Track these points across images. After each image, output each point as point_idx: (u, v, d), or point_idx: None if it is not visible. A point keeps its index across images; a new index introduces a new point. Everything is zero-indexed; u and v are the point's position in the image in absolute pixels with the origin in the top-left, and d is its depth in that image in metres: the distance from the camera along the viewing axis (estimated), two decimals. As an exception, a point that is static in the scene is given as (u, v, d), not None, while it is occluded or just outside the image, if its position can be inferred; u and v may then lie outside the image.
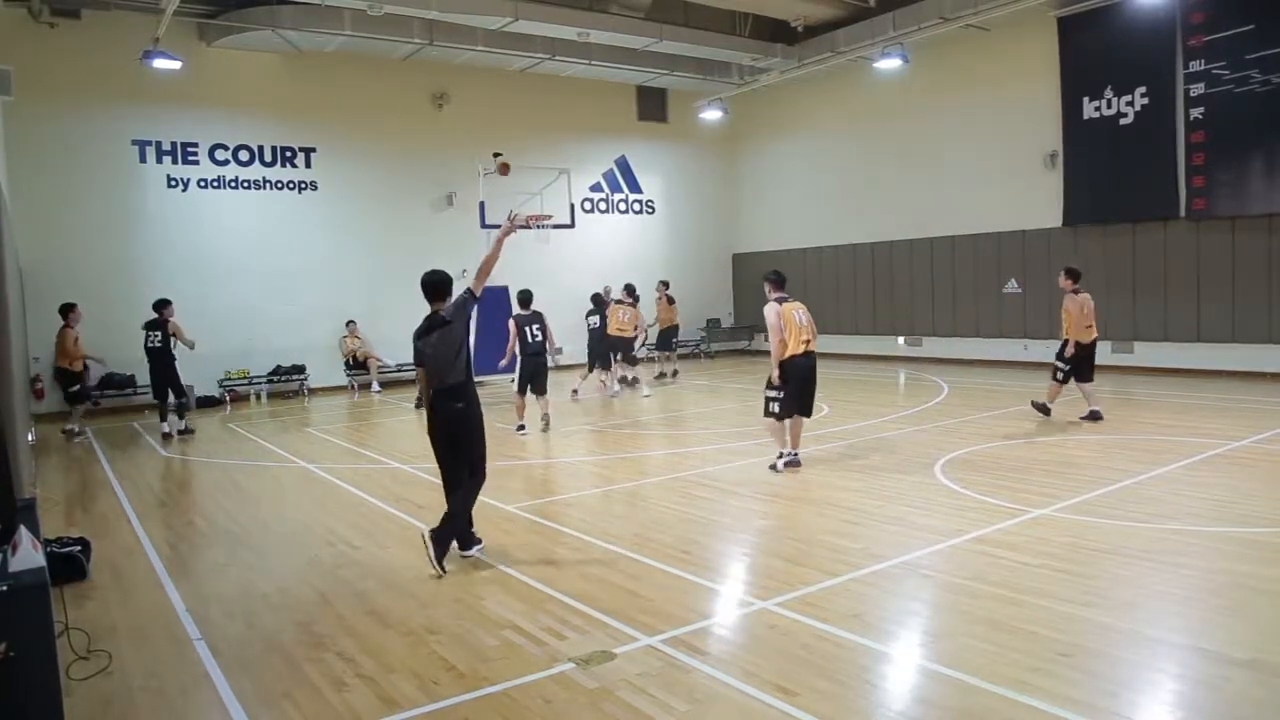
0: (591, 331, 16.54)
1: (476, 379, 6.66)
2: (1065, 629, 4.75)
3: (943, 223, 19.38)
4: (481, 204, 18.92)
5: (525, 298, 12.63)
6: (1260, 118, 14.61)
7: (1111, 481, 7.97)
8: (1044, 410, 11.38)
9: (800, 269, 22.68)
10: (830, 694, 4.13)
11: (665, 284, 19.77)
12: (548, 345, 12.59)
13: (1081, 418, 11.12)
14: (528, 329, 12.24)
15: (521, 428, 12.12)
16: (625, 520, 7.47)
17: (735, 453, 10.27)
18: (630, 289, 17.14)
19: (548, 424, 12.35)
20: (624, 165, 22.83)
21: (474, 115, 20.11)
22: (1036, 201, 17.60)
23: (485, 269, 6.58)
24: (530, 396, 12.47)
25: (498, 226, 19.58)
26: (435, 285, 6.50)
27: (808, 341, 8.94)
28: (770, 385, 8.95)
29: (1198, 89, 15.35)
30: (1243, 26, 14.72)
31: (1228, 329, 15.23)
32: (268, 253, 17.84)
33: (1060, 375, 11.23)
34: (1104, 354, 16.67)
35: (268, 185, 18.06)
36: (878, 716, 3.98)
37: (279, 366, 17.93)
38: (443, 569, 6.09)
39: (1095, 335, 11.29)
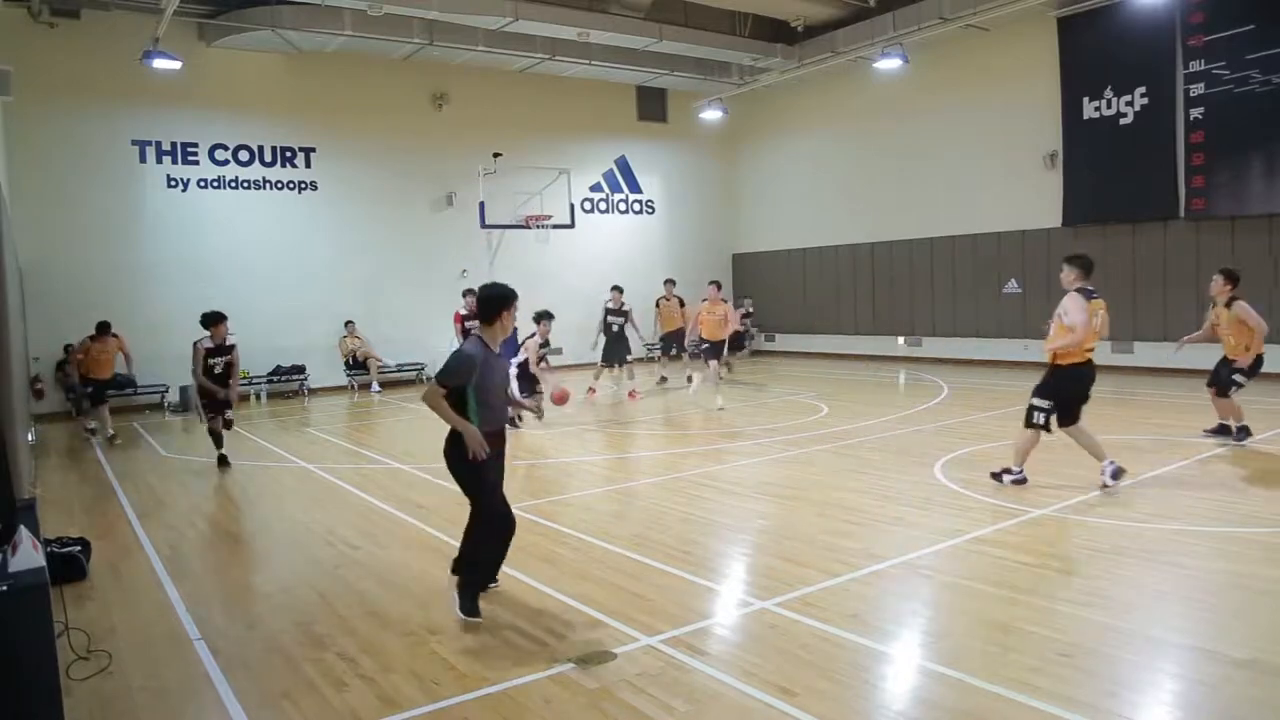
0: (613, 332, 16.34)
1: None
2: (1065, 629, 4.75)
3: (943, 223, 19.39)
4: (481, 204, 18.96)
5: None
6: (1260, 118, 14.60)
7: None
8: (1243, 432, 9.79)
9: (800, 269, 22.72)
10: (829, 694, 4.14)
11: (672, 282, 19.19)
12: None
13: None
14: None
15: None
16: (625, 520, 7.47)
17: (735, 453, 10.27)
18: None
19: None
20: (624, 165, 22.84)
21: (474, 115, 20.11)
22: (1036, 202, 17.60)
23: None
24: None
25: (498, 227, 19.76)
26: (493, 300, 5.24)
27: (1092, 349, 7.78)
28: (1042, 393, 7.87)
29: (1197, 89, 15.35)
30: (1242, 27, 14.72)
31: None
32: (267, 253, 17.84)
33: (1236, 387, 9.82)
34: (1104, 354, 16.68)
35: (268, 185, 18.07)
36: (877, 717, 3.98)
37: (279, 366, 17.94)
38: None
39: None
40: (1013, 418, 11.72)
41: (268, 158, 18.06)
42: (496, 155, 19.38)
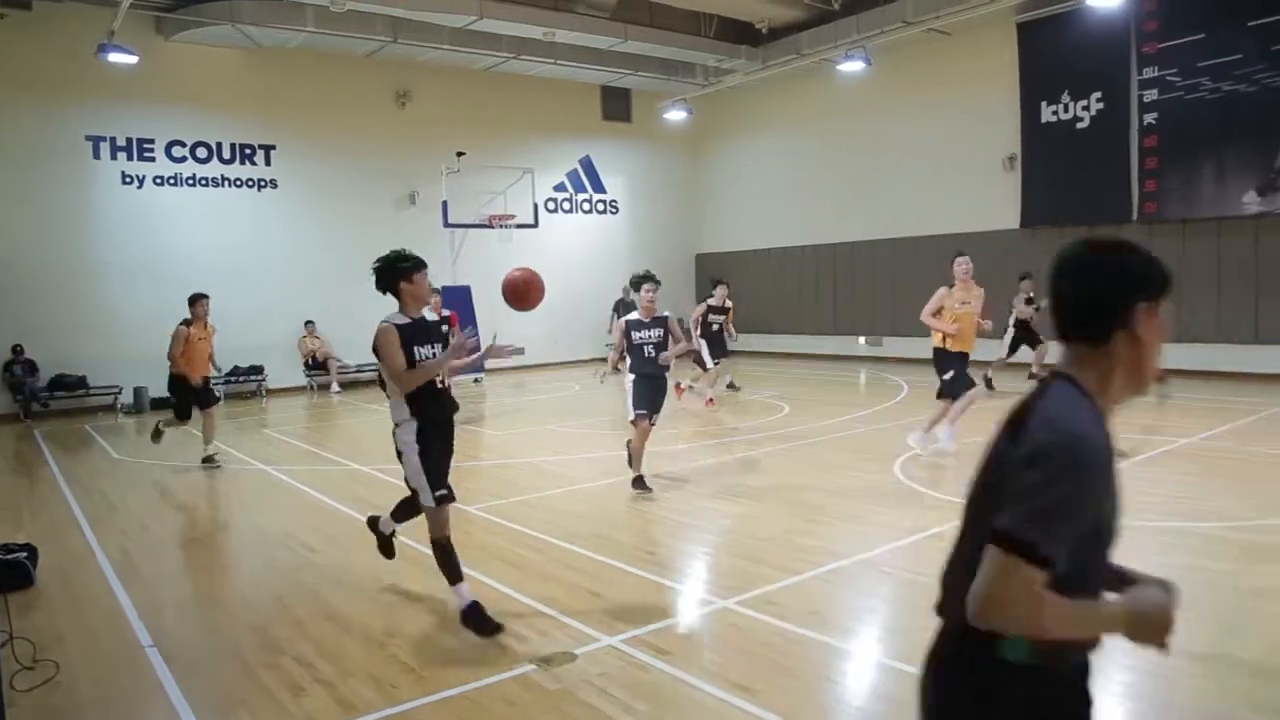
0: (712, 331, 14.32)
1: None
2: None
3: (904, 223, 19.55)
4: (444, 203, 18.84)
5: None
6: (1210, 124, 14.91)
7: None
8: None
9: (763, 269, 22.80)
10: (791, 691, 4.15)
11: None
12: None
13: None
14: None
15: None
16: (588, 521, 7.44)
17: (698, 452, 10.29)
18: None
19: None
20: (588, 165, 22.80)
21: (437, 113, 19.97)
22: (995, 203, 17.82)
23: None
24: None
25: (461, 226, 19.59)
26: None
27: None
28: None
29: (1151, 95, 15.64)
30: (1194, 35, 15.01)
31: (1179, 329, 15.50)
32: (225, 251, 17.55)
33: None
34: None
35: (226, 183, 17.80)
36: (838, 713, 4.01)
37: (236, 367, 17.65)
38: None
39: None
40: (970, 415, 11.85)
41: (226, 155, 17.80)
42: (460, 154, 19.26)
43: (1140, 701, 4.02)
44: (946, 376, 9.22)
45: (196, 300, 10.55)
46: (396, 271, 5.13)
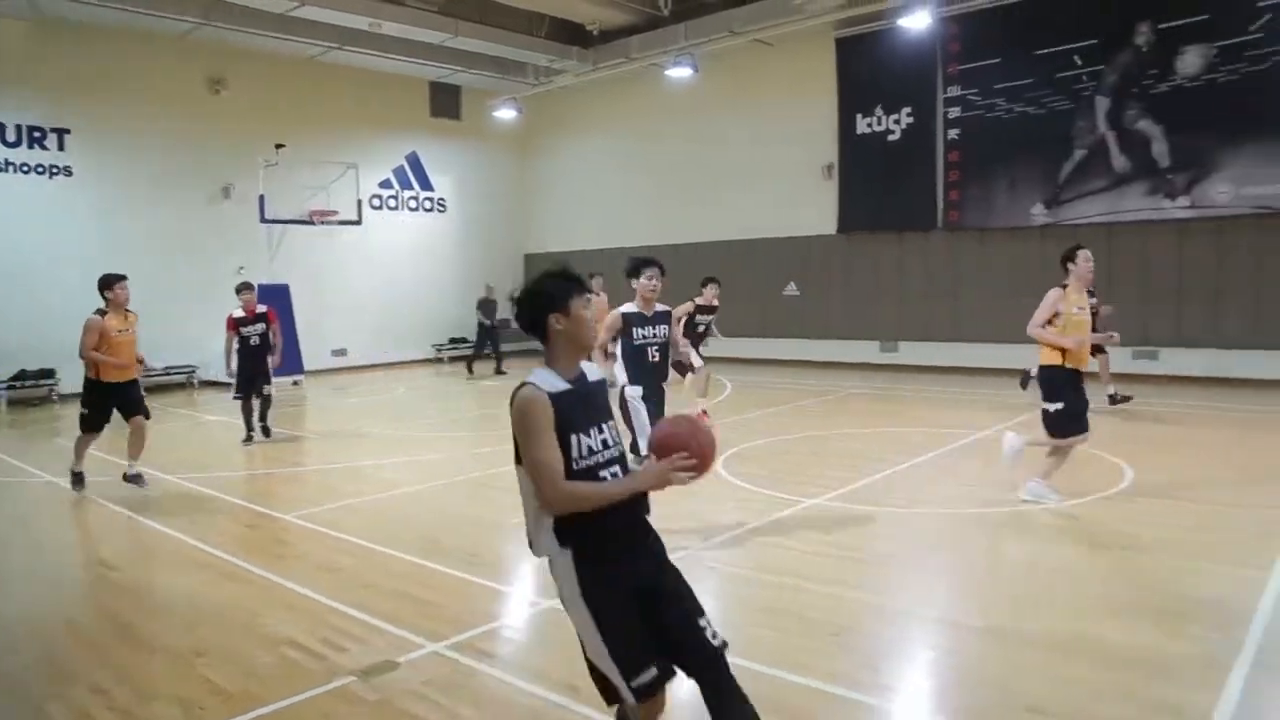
0: (698, 332, 13.46)
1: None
2: (836, 610, 5.05)
3: (729, 227, 20.13)
4: (261, 197, 17.99)
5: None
6: (1005, 141, 16.20)
7: (877, 471, 8.54)
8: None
9: (592, 269, 22.90)
10: (616, 689, 4.19)
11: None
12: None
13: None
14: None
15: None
16: (412, 525, 7.27)
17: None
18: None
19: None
20: (415, 162, 22.28)
21: (255, 103, 18.99)
22: (814, 209, 18.62)
23: None
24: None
25: (280, 222, 18.67)
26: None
27: None
28: None
29: (954, 112, 16.80)
30: (992, 59, 16.26)
31: (980, 329, 16.70)
32: (8, 244, 16.07)
33: None
34: (872, 353, 17.90)
35: (10, 168, 16.29)
36: (668, 709, 4.07)
37: (23, 371, 16.23)
38: None
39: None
40: (791, 414, 12.37)
41: (10, 137, 16.28)
42: (279, 146, 18.40)
43: (937, 677, 4.31)
44: (1055, 408, 7.19)
45: (111, 283, 8.68)
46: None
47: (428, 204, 22.66)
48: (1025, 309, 7.56)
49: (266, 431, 11.37)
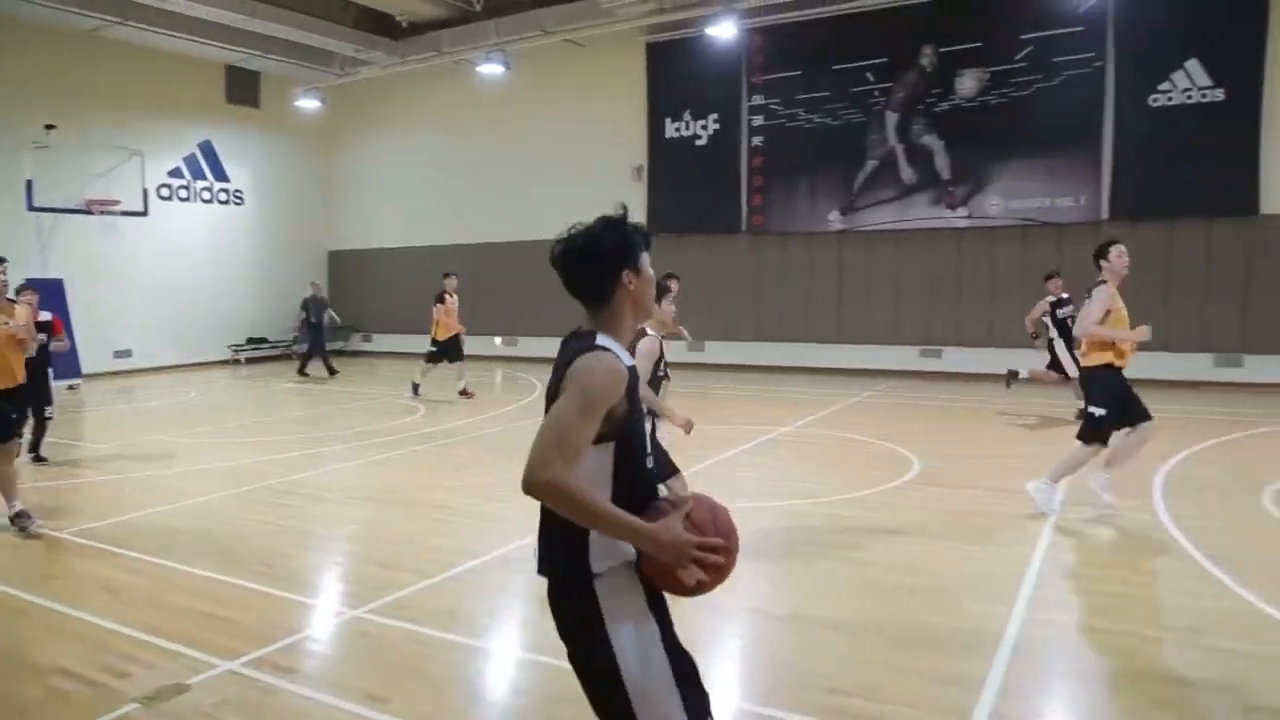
0: None
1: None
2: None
3: (540, 226, 19.93)
4: (29, 183, 16.45)
5: None
6: (804, 150, 17.07)
7: (685, 467, 8.78)
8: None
9: (401, 269, 22.36)
10: (425, 696, 4.14)
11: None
12: None
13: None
14: None
15: None
16: (205, 537, 6.86)
17: (328, 457, 9.89)
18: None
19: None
20: (209, 150, 20.95)
21: (21, 78, 17.24)
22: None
23: None
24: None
25: (51, 210, 17.13)
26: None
27: None
28: None
29: (758, 120, 17.53)
30: (792, 71, 17.08)
31: (780, 330, 17.52)
32: None
33: None
34: (680, 352, 18.40)
35: None
36: (475, 712, 4.07)
37: None
38: None
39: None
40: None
41: None
42: (49, 128, 16.85)
43: (744, 663, 4.52)
44: (1100, 413, 6.78)
45: None
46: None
47: (223, 196, 21.37)
48: (823, 311, 7.97)
49: (40, 459, 9.92)
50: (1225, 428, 10.55)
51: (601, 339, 2.42)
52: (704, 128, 18.18)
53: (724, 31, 15.94)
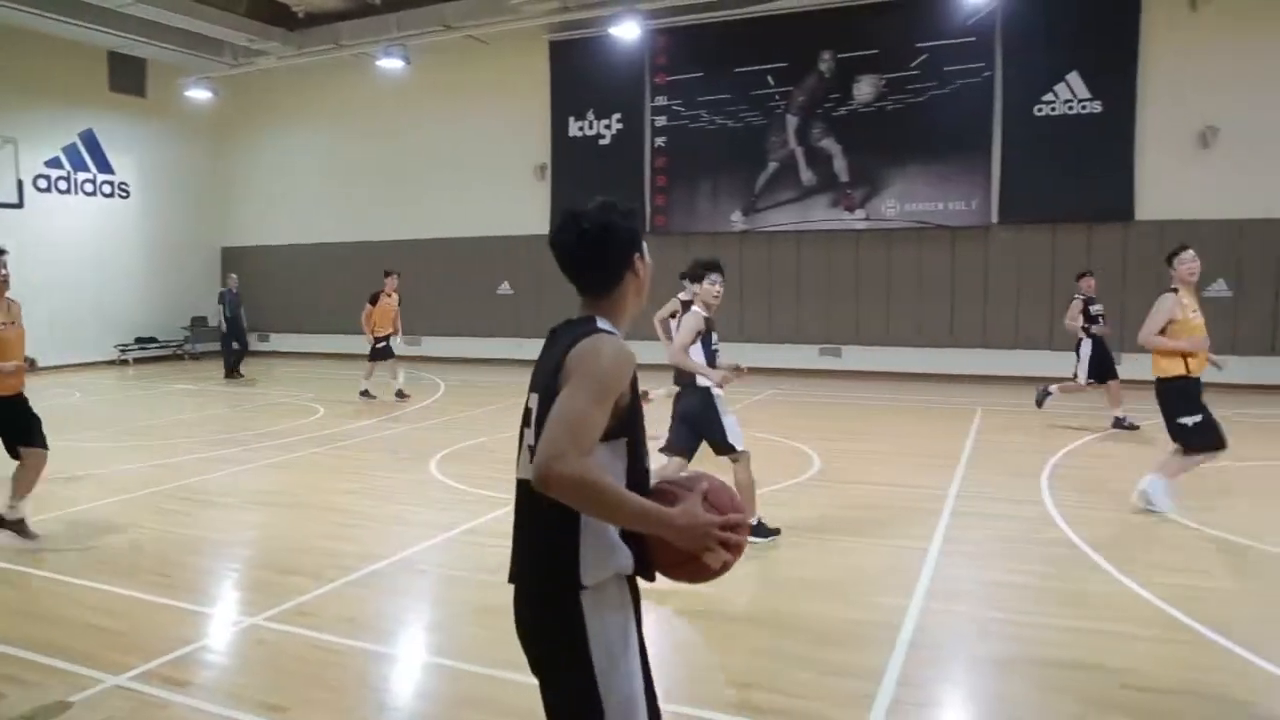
0: None
1: None
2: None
3: (443, 224, 19.87)
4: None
5: None
6: (707, 151, 17.28)
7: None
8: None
9: (299, 266, 21.78)
10: (325, 703, 4.05)
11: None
12: None
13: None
14: None
15: None
16: (91, 547, 6.53)
17: (223, 461, 9.54)
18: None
19: None
20: (91, 140, 19.96)
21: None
22: (528, 209, 18.81)
23: None
24: None
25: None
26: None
27: None
28: None
29: (661, 120, 17.66)
30: (695, 73, 17.27)
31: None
32: None
33: None
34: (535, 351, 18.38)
35: None
36: (378, 719, 3.98)
37: None
38: None
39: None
40: (507, 411, 12.44)
41: None
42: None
43: (653, 659, 4.52)
44: (1191, 420, 6.58)
45: None
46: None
47: (107, 188, 20.40)
48: (726, 310, 8.07)
49: None
50: (1106, 422, 11.08)
51: (601, 323, 2.31)
52: (607, 127, 18.21)
53: (627, 32, 16.00)
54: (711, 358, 6.41)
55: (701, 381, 6.34)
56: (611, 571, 2.22)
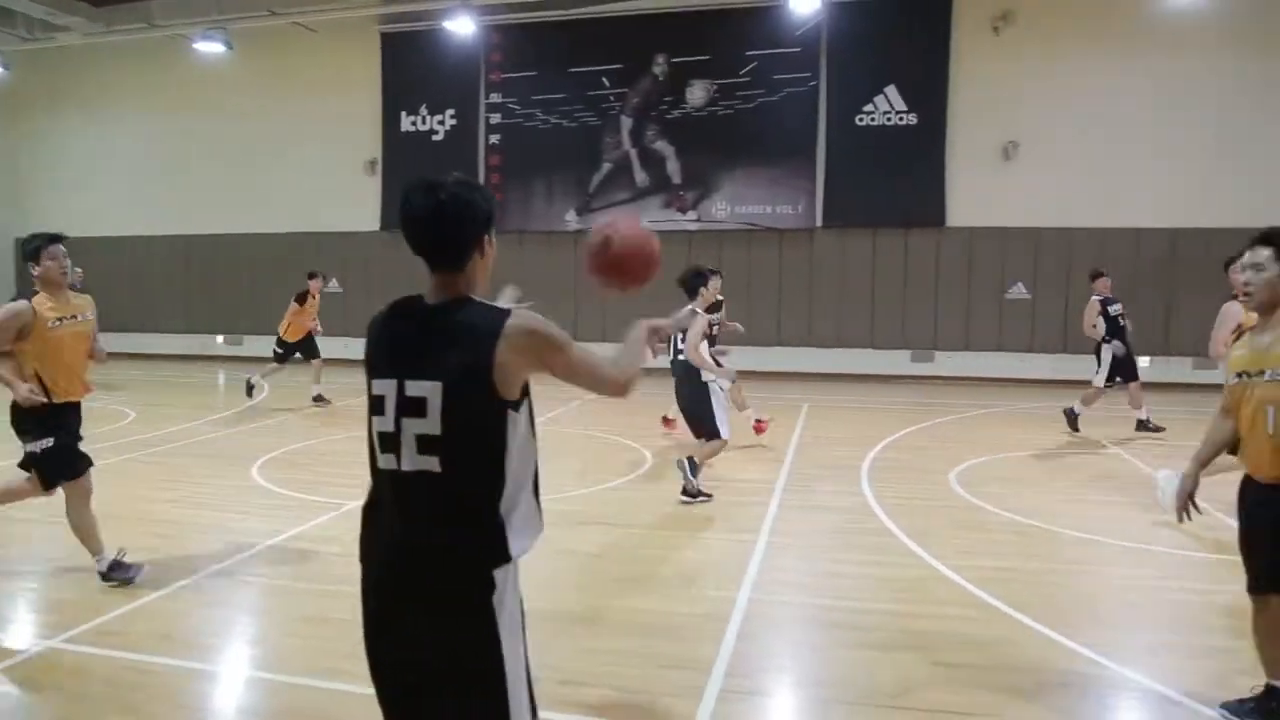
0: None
1: None
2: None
3: (268, 219, 18.97)
4: None
5: None
6: (542, 150, 17.26)
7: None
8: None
9: (106, 260, 20.24)
10: (134, 728, 3.80)
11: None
12: None
13: None
14: None
15: None
16: None
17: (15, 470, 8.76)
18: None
19: None
20: None
21: None
22: (358, 205, 18.24)
23: None
24: None
25: None
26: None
27: None
28: None
29: (496, 118, 17.51)
30: (529, 72, 17.21)
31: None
32: None
33: None
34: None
35: None
36: (188, 739, 3.77)
37: None
38: None
39: None
40: (335, 412, 12.03)
41: None
42: None
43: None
44: None
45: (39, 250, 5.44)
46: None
47: (-125, 170, 18.38)
48: (561, 309, 8.08)
49: None
50: (920, 416, 11.79)
51: (494, 301, 2.41)
52: (441, 123, 17.89)
53: (461, 27, 15.76)
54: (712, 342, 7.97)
55: (705, 376, 7.63)
56: (531, 541, 2.32)
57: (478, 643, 2.22)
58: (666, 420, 10.59)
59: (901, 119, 15.78)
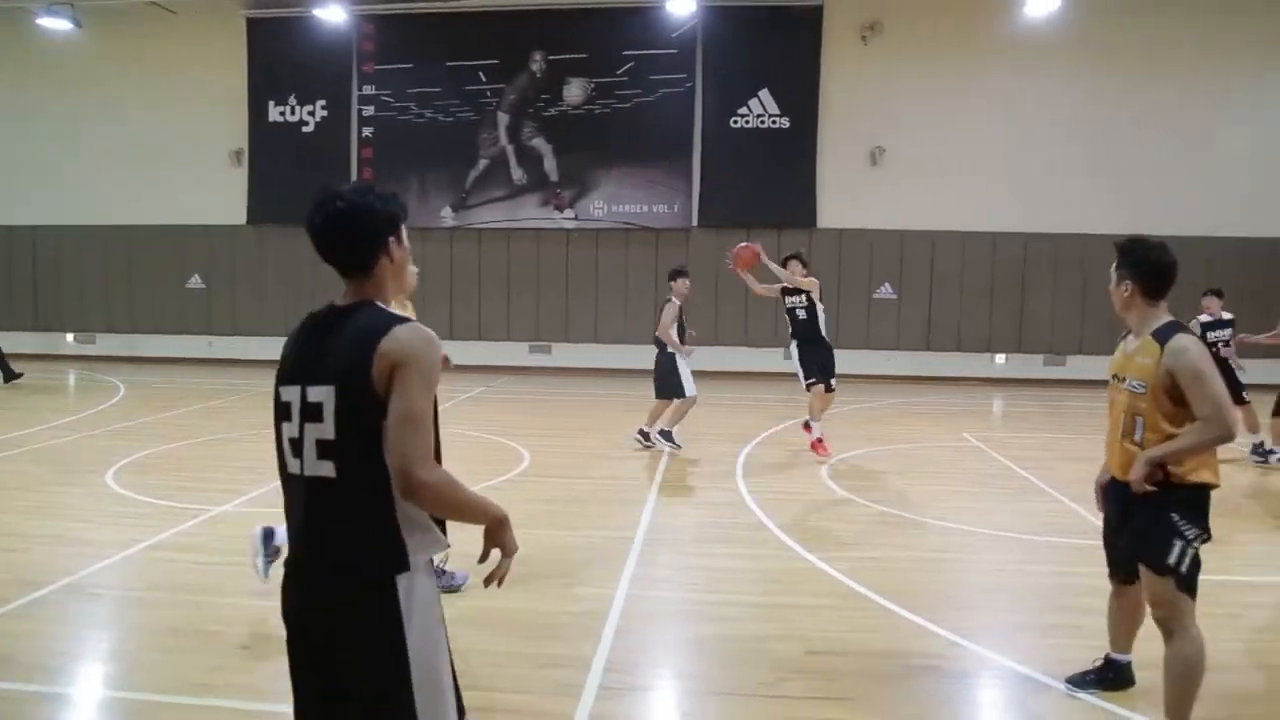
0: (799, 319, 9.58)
1: None
2: (246, 622, 4.82)
3: (123, 211, 17.90)
4: None
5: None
6: (417, 145, 16.92)
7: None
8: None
9: None
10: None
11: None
12: None
13: None
14: None
15: None
16: None
17: None
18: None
19: None
20: None
21: None
22: (223, 197, 17.44)
23: None
24: None
25: None
26: None
27: None
28: None
29: (369, 110, 17.06)
30: (404, 64, 16.84)
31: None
32: None
33: None
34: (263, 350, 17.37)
35: None
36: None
37: None
38: None
39: None
40: (197, 415, 11.50)
41: None
42: None
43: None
44: None
45: None
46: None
47: None
48: (435, 307, 7.93)
49: None
50: (793, 412, 12.08)
51: (383, 307, 2.28)
52: (311, 114, 17.31)
53: (332, 15, 15.32)
54: (682, 332, 9.62)
55: (671, 350, 9.58)
56: (434, 549, 2.31)
57: (381, 653, 2.15)
58: (808, 430, 9.41)
59: (775, 122, 16.17)
